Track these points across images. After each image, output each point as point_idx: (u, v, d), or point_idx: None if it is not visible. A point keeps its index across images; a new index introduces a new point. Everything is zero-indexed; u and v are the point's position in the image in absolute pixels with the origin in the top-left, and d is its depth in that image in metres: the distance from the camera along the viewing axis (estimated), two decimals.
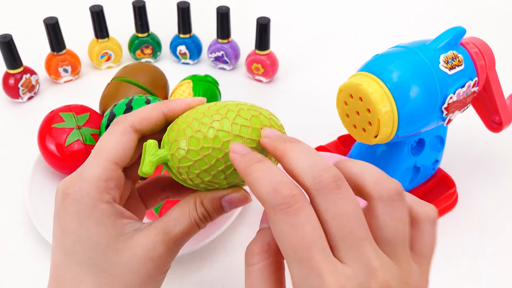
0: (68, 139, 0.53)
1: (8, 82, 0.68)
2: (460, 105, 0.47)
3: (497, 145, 0.64)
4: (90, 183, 0.29)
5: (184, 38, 0.76)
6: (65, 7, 0.89)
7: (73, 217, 0.28)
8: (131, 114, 0.31)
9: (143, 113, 0.31)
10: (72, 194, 0.29)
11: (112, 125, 0.31)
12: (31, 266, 0.50)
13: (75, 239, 0.28)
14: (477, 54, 0.48)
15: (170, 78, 0.68)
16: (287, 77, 0.76)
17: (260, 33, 0.70)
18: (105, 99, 0.60)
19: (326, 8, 0.93)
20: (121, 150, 0.30)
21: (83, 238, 0.28)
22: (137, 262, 0.29)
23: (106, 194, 0.29)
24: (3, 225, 0.54)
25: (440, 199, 0.54)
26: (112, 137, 0.30)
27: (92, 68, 0.78)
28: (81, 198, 0.28)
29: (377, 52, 0.47)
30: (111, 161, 0.29)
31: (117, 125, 0.31)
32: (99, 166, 0.29)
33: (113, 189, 0.29)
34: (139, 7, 0.73)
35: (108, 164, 0.29)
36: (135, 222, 0.30)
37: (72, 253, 0.28)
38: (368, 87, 0.43)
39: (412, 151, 0.52)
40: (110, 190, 0.29)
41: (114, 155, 0.30)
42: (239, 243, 0.53)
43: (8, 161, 0.62)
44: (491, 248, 0.52)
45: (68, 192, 0.29)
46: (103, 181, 0.29)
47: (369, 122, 0.44)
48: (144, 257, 0.29)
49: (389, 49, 0.47)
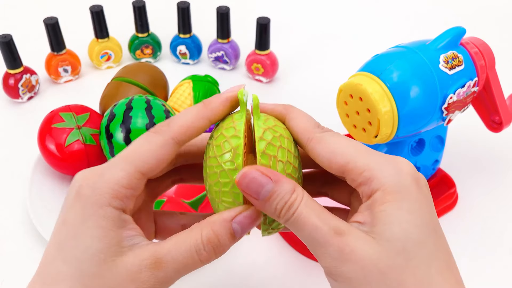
0: (68, 139, 0.53)
1: (8, 82, 0.68)
2: (460, 105, 0.47)
3: (497, 145, 0.64)
4: (107, 184, 0.27)
5: (184, 38, 0.76)
6: (65, 7, 0.89)
7: (77, 211, 0.27)
8: (174, 122, 0.29)
9: (188, 121, 0.29)
10: (85, 187, 0.27)
11: (153, 132, 0.29)
12: (31, 266, 0.50)
13: (71, 234, 0.27)
14: (477, 54, 0.48)
15: (170, 78, 0.68)
16: (287, 77, 0.76)
17: (260, 33, 0.70)
18: (105, 99, 0.60)
19: (326, 8, 0.93)
20: (155, 163, 0.28)
21: (79, 236, 0.27)
22: (118, 281, 0.26)
23: (118, 200, 0.27)
24: (3, 225, 0.54)
25: (440, 199, 0.54)
26: (149, 147, 0.28)
27: (92, 68, 0.78)
28: (92, 194, 0.27)
29: (377, 52, 0.47)
30: (138, 171, 0.28)
31: (158, 135, 0.29)
32: (123, 171, 0.28)
33: (128, 198, 0.28)
34: (139, 7, 0.73)
35: (134, 173, 0.28)
36: (135, 237, 0.28)
37: (63, 248, 0.27)
38: (368, 87, 0.43)
39: (412, 151, 0.52)
40: (124, 198, 0.27)
41: (144, 166, 0.28)
42: (239, 243, 0.52)
43: (8, 161, 0.62)
44: (491, 248, 0.52)
45: (82, 184, 0.28)
46: (121, 187, 0.27)
47: (369, 122, 0.44)
48: (126, 279, 0.26)
49: (389, 49, 0.47)
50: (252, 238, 0.53)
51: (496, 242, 0.53)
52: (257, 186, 0.27)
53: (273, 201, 0.27)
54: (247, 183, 0.27)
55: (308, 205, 0.27)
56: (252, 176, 0.27)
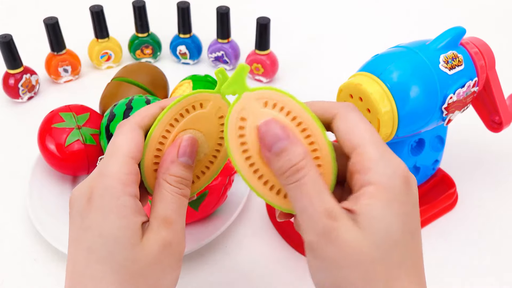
0: (68, 139, 0.53)
1: (8, 82, 0.68)
2: (460, 105, 0.47)
3: (497, 145, 0.64)
4: (112, 178, 0.29)
5: (184, 38, 0.76)
6: (65, 7, 0.89)
7: (97, 213, 0.29)
8: (132, 115, 0.32)
9: (142, 111, 0.32)
10: (96, 191, 0.29)
11: (117, 128, 0.32)
12: (31, 266, 0.50)
13: (97, 234, 0.28)
14: (477, 54, 0.48)
15: (170, 78, 0.68)
16: (287, 77, 0.76)
17: (260, 33, 0.70)
18: (105, 99, 0.60)
19: (326, 8, 0.93)
20: (134, 145, 0.31)
21: (105, 232, 0.28)
22: (154, 254, 0.29)
23: (129, 187, 0.29)
24: (3, 225, 0.54)
25: (440, 199, 0.54)
26: (122, 136, 0.31)
27: (92, 68, 0.78)
28: (105, 192, 0.29)
29: (377, 52, 0.47)
30: (128, 156, 0.30)
31: (123, 126, 0.32)
32: (117, 162, 0.30)
33: (134, 183, 0.30)
34: (139, 7, 0.73)
35: (126, 159, 0.30)
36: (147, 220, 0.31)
37: (93, 249, 0.28)
38: (368, 87, 0.43)
39: (412, 151, 0.52)
40: (132, 183, 0.30)
41: (129, 150, 0.30)
42: (239, 243, 0.53)
43: (8, 161, 0.62)
44: (491, 248, 0.52)
45: (92, 191, 0.29)
46: (124, 174, 0.29)
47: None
48: (158, 249, 0.29)
49: (389, 49, 0.47)
50: (249, 236, 0.53)
51: (496, 242, 0.53)
52: (273, 137, 0.29)
53: (281, 158, 0.28)
54: (266, 130, 0.29)
55: (314, 179, 0.28)
56: (273, 126, 0.29)
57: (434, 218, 0.55)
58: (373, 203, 0.27)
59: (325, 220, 0.27)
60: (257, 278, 0.49)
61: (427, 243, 0.53)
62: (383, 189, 0.27)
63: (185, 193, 0.32)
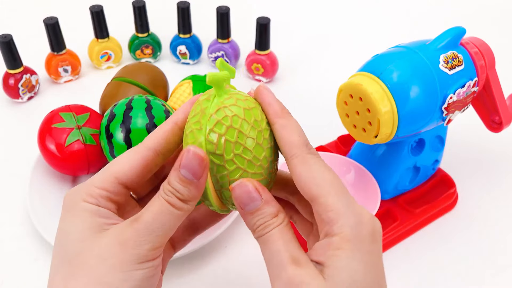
0: (68, 139, 0.53)
1: (8, 82, 0.68)
2: (460, 105, 0.47)
3: (497, 145, 0.64)
4: (82, 187, 0.31)
5: (184, 38, 0.76)
6: (65, 7, 0.89)
7: (62, 213, 0.31)
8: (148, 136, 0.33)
9: (156, 130, 0.33)
10: (66, 196, 0.32)
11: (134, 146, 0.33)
12: (31, 266, 0.50)
13: (58, 232, 0.31)
14: (477, 54, 0.48)
15: (170, 78, 0.68)
16: (287, 77, 0.76)
17: (260, 33, 0.70)
18: (105, 99, 0.60)
19: (326, 8, 0.93)
20: (128, 168, 0.31)
21: (62, 230, 0.30)
22: (106, 248, 0.29)
23: (92, 198, 0.30)
24: (3, 225, 0.54)
25: (440, 199, 0.54)
26: (125, 154, 0.32)
27: (92, 68, 0.78)
28: (71, 196, 0.31)
29: (377, 52, 0.47)
30: (112, 175, 0.31)
31: (135, 147, 0.32)
32: (98, 175, 0.31)
33: (103, 198, 0.31)
34: (139, 7, 0.73)
35: (108, 177, 0.31)
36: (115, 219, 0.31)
37: (55, 244, 0.31)
38: (368, 87, 0.43)
39: (412, 151, 0.52)
40: (99, 197, 0.31)
41: (118, 171, 0.31)
42: (238, 243, 0.53)
43: (8, 161, 0.62)
44: (491, 248, 0.52)
45: (65, 196, 0.32)
46: (95, 187, 0.31)
47: (369, 122, 0.44)
48: (113, 243, 0.29)
49: (389, 49, 0.47)
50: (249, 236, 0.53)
51: (496, 242, 0.53)
52: (247, 199, 0.29)
53: (255, 217, 0.30)
54: (241, 192, 0.30)
55: (282, 231, 0.29)
56: (247, 189, 0.29)
57: (434, 218, 0.55)
58: (338, 254, 0.28)
59: (290, 266, 0.28)
60: (257, 278, 0.49)
61: (427, 243, 0.53)
62: (347, 240, 0.28)
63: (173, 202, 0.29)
